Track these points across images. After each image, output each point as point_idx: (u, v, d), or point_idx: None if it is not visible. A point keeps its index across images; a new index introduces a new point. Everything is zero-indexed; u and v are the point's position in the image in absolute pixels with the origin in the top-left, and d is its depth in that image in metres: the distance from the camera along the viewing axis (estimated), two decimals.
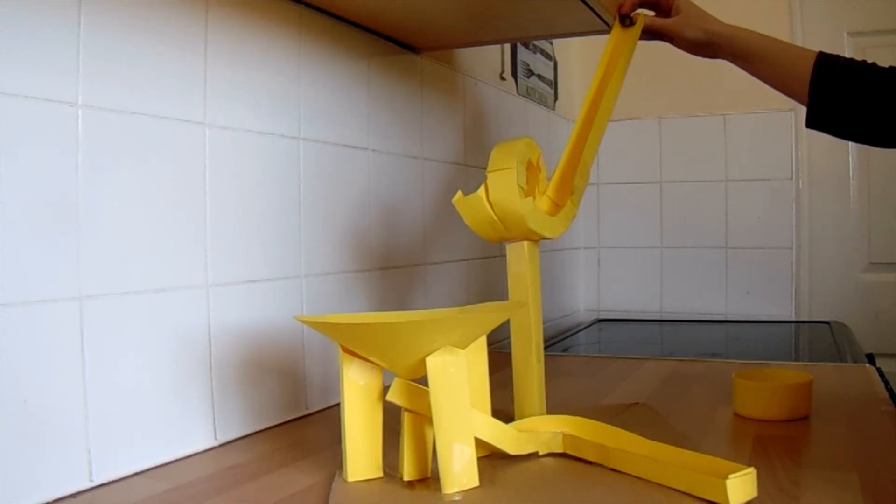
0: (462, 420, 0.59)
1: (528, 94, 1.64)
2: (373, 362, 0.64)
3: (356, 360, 0.64)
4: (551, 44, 1.80)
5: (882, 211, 1.78)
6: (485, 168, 0.74)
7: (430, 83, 1.20)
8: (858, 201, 1.81)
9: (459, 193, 0.75)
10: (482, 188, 0.73)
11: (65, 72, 0.61)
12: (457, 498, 0.58)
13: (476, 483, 0.60)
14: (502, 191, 0.72)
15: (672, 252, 1.96)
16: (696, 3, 0.96)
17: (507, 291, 0.78)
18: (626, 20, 0.94)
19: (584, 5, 0.95)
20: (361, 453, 0.64)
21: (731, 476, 0.54)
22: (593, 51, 1.84)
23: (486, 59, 1.42)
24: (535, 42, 1.69)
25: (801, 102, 0.86)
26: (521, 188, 0.72)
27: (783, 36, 1.81)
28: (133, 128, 0.67)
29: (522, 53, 1.61)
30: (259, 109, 0.83)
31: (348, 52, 0.99)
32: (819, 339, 1.62)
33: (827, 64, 0.84)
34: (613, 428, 0.68)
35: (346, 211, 0.98)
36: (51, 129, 0.60)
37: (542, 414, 0.77)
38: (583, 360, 1.28)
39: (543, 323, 0.83)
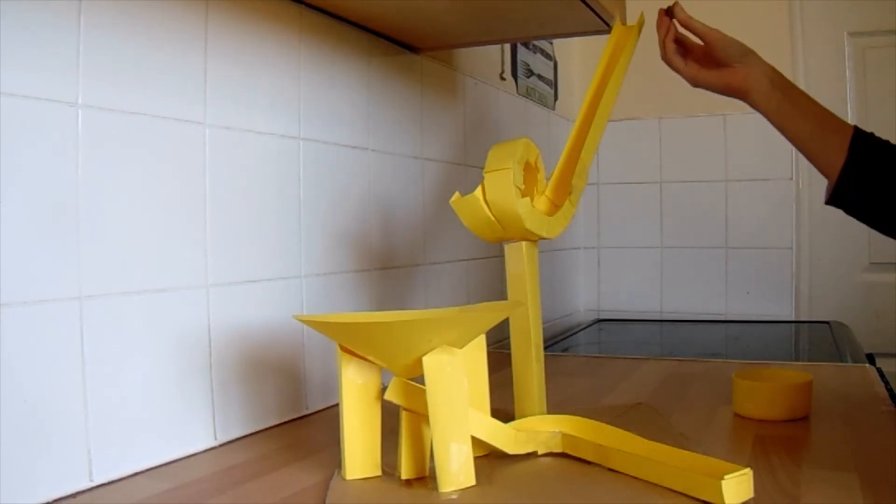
0: (459, 419, 0.60)
1: (528, 93, 1.64)
2: (371, 361, 0.64)
3: (355, 359, 0.64)
4: (551, 44, 1.80)
5: None
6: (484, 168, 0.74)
7: (430, 83, 1.20)
8: None
9: (457, 194, 0.75)
10: (479, 189, 0.73)
11: (65, 72, 0.61)
12: (453, 497, 0.58)
13: (473, 482, 0.60)
14: (499, 191, 0.72)
15: (672, 252, 1.96)
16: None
17: (507, 292, 0.78)
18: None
19: (584, 5, 0.95)
20: (359, 452, 0.64)
21: (726, 476, 0.54)
22: (593, 51, 1.84)
23: (486, 59, 1.42)
24: (535, 42, 1.69)
25: (824, 173, 0.84)
26: (518, 188, 0.72)
27: (783, 36, 1.82)
28: (133, 128, 0.67)
29: (522, 53, 1.61)
30: (259, 109, 0.83)
31: (348, 52, 0.99)
32: (819, 339, 1.62)
33: (864, 144, 0.81)
34: (612, 428, 0.68)
35: (346, 211, 0.98)
36: (51, 129, 0.60)
37: (542, 414, 0.77)
38: (583, 360, 1.28)
39: (543, 323, 0.83)
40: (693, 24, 0.91)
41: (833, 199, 0.83)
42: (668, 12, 0.94)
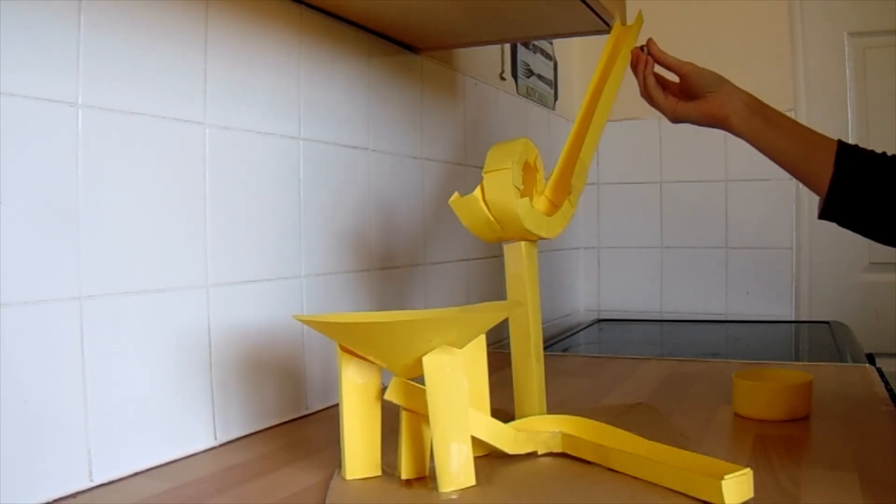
0: (459, 419, 0.60)
1: (528, 93, 1.64)
2: (371, 361, 0.64)
3: (355, 359, 0.64)
4: (551, 44, 1.80)
5: None
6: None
7: (430, 83, 1.20)
8: None
9: (456, 194, 0.75)
10: (478, 189, 0.73)
11: (65, 72, 0.61)
12: (453, 497, 0.58)
13: (473, 482, 0.60)
14: (498, 191, 0.72)
15: (672, 252, 1.96)
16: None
17: (507, 292, 0.78)
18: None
19: (584, 5, 0.95)
20: (359, 452, 0.64)
21: (726, 476, 0.54)
22: (593, 51, 1.84)
23: (486, 59, 1.42)
24: (535, 42, 1.69)
25: (813, 189, 0.85)
26: (518, 188, 0.72)
27: (783, 36, 1.82)
28: (133, 128, 0.67)
29: (522, 53, 1.61)
30: (259, 109, 0.83)
31: (348, 52, 0.99)
32: (819, 339, 1.62)
33: (849, 156, 0.82)
34: (612, 428, 0.68)
35: (346, 211, 0.98)
36: (51, 129, 0.60)
37: (542, 414, 0.77)
38: (583, 360, 1.28)
39: (543, 323, 0.83)
40: (666, 59, 0.94)
41: (824, 213, 0.84)
42: (644, 49, 0.96)
